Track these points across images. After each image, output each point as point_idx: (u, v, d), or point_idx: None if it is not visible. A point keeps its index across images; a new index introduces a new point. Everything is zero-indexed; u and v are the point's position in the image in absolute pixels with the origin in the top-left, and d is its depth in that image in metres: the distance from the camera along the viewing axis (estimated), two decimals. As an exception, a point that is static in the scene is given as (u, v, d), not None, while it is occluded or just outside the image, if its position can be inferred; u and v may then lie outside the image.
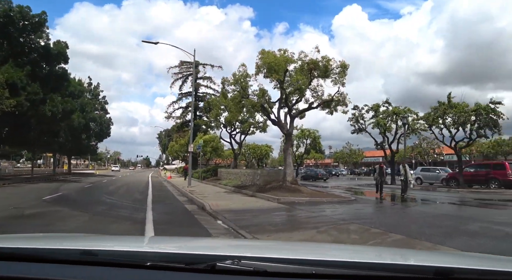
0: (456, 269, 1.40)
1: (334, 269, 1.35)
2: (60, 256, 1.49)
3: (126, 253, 1.61)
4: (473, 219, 9.84)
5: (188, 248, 2.04)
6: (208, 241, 3.33)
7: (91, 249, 1.58)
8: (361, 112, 29.51)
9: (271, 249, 2.27)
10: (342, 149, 79.59)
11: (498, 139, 58.21)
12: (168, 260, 1.44)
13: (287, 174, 16.78)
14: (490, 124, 21.00)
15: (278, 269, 1.34)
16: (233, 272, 1.32)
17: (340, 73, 16.96)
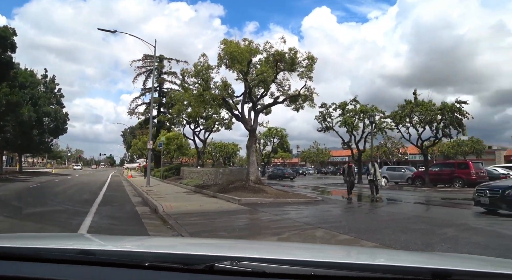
0: (453, 271, 1.40)
1: (332, 270, 1.35)
2: (57, 256, 1.46)
3: (124, 253, 1.60)
4: (447, 222, 9.15)
5: (187, 249, 2.01)
6: (206, 241, 3.31)
7: (89, 249, 1.61)
8: (329, 110, 28.96)
9: (270, 250, 2.28)
10: (309, 148, 79.73)
11: (458, 139, 60.35)
12: (166, 261, 1.42)
13: (251, 173, 15.70)
14: (455, 123, 20.86)
15: (276, 270, 1.32)
16: (231, 272, 1.30)
17: (307, 66, 16.07)
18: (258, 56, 15.82)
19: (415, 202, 15.41)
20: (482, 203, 10.59)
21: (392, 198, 16.86)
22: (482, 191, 10.65)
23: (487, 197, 10.32)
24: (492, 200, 10.20)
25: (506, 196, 9.89)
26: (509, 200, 9.78)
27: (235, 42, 14.73)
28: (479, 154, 58.18)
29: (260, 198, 13.48)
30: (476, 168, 22.14)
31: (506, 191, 9.90)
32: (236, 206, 12.15)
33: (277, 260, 1.47)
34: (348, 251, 2.69)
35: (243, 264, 1.33)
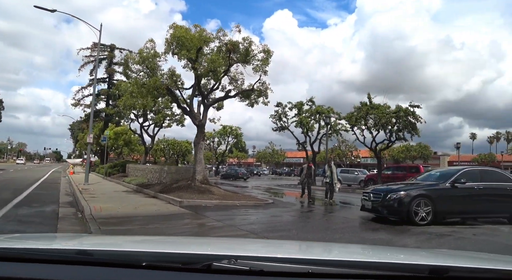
0: (451, 268, 1.42)
1: (330, 268, 1.35)
2: (55, 256, 1.46)
3: (122, 253, 1.59)
4: (409, 230, 8.36)
5: (184, 248, 2.00)
6: (204, 241, 3.17)
7: (87, 249, 1.60)
8: (284, 109, 28.22)
9: (268, 248, 2.28)
10: (265, 149, 79.27)
11: (407, 144, 62.55)
12: (164, 260, 1.42)
13: (197, 172, 14.36)
14: (409, 127, 20.78)
15: (274, 268, 1.32)
16: (229, 271, 1.30)
17: (263, 60, 15.01)
18: (210, 45, 14.56)
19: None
20: (366, 208, 9.69)
21: (346, 202, 16.19)
22: (367, 194, 9.80)
23: (370, 201, 9.44)
24: (374, 205, 9.29)
25: (387, 201, 8.94)
26: (390, 205, 8.85)
27: (185, 28, 13.34)
28: (426, 159, 60.62)
29: (205, 200, 12.20)
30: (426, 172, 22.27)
31: (388, 194, 8.96)
32: (176, 209, 10.79)
33: (275, 258, 1.49)
34: (346, 248, 2.69)
35: (240, 263, 1.31)
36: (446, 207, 8.84)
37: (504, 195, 9.34)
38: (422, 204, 8.60)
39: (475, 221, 9.40)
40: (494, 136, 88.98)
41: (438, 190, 8.97)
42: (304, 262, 1.41)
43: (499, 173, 10.30)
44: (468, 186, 8.98)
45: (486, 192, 9.13)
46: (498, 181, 9.46)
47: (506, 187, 9.40)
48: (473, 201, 9.07)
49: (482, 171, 10.07)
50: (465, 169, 9.66)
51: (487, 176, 9.56)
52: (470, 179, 9.12)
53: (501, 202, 9.35)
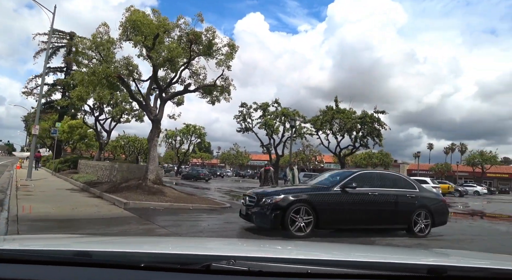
0: (449, 267, 1.43)
1: (328, 268, 1.35)
2: (53, 257, 1.41)
3: (121, 254, 1.58)
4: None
5: (183, 249, 1.99)
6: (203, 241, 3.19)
7: (85, 250, 1.57)
8: (249, 110, 27.40)
9: (266, 248, 2.28)
10: (229, 150, 78.21)
11: (369, 151, 63.73)
12: (162, 261, 1.43)
13: (150, 170, 13.20)
14: (373, 133, 20.57)
15: (273, 268, 1.32)
16: (228, 272, 1.30)
17: (227, 54, 14.08)
18: (170, 35, 13.45)
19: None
20: (242, 214, 8.16)
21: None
22: (244, 198, 8.21)
23: (245, 206, 7.92)
24: (247, 210, 7.78)
25: (261, 206, 7.42)
26: (263, 211, 7.33)
27: (143, 12, 12.18)
28: (387, 166, 61.89)
29: (155, 202, 11.09)
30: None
31: (263, 198, 7.44)
32: (120, 211, 9.63)
33: (273, 259, 1.49)
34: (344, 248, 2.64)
35: (239, 263, 1.31)
36: (332, 216, 7.51)
37: (403, 203, 8.22)
38: (302, 212, 7.17)
39: (370, 232, 8.16)
40: (450, 147, 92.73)
41: (324, 195, 7.59)
42: (303, 262, 1.42)
43: (401, 178, 9.11)
44: (361, 191, 7.80)
45: (383, 199, 7.97)
46: (399, 187, 8.38)
47: (406, 194, 8.31)
48: (366, 209, 7.85)
49: (381, 175, 8.75)
50: (359, 172, 8.47)
51: (387, 181, 8.42)
52: (366, 183, 8.02)
53: (399, 211, 8.19)
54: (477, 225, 12.91)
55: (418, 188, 8.65)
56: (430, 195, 9.01)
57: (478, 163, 56.28)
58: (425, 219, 8.34)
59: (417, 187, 8.68)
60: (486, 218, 15.84)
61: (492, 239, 9.18)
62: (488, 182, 59.98)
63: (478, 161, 56.18)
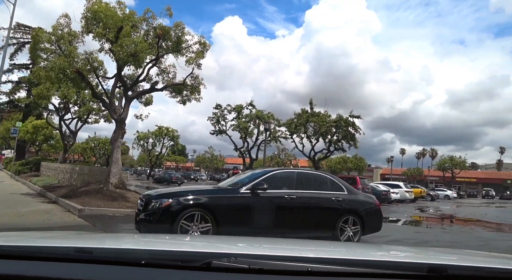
0: (449, 266, 1.43)
1: (329, 266, 1.35)
2: (54, 254, 1.42)
3: (121, 251, 1.59)
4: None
5: (184, 246, 2.01)
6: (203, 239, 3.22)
7: (86, 247, 1.57)
8: (223, 112, 26.74)
9: (267, 246, 2.26)
10: (204, 153, 77.04)
11: (343, 155, 64.14)
12: (163, 258, 1.42)
13: (112, 174, 12.31)
14: (348, 137, 20.29)
15: (273, 266, 1.32)
16: (229, 269, 1.29)
17: (198, 52, 13.42)
18: (137, 29, 12.65)
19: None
20: (136, 219, 6.58)
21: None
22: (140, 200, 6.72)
23: (138, 209, 6.55)
24: (136, 217, 6.52)
25: (149, 211, 6.11)
26: (146, 219, 6.07)
27: (105, 3, 11.33)
28: (361, 170, 62.48)
29: (115, 208, 10.24)
30: (362, 184, 21.96)
31: (152, 202, 6.12)
32: (72, 219, 8.76)
33: (274, 257, 1.48)
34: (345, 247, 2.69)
35: (240, 261, 1.31)
36: (236, 224, 6.20)
37: (327, 208, 7.16)
38: (197, 218, 5.93)
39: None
40: (421, 153, 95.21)
41: (226, 199, 6.47)
42: (303, 260, 1.42)
43: (327, 179, 7.67)
44: (274, 194, 6.63)
45: (301, 204, 6.84)
46: (324, 189, 7.27)
47: (332, 197, 7.17)
48: (280, 216, 6.73)
49: (303, 176, 7.38)
50: (274, 171, 7.24)
51: (309, 183, 7.23)
52: (282, 184, 6.89)
53: (322, 217, 7.16)
54: (451, 229, 12.72)
55: (347, 190, 7.55)
56: (361, 198, 7.89)
57: (448, 168, 57.63)
58: (354, 226, 7.22)
59: (346, 189, 7.57)
60: (459, 223, 15.77)
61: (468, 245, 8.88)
62: (457, 186, 61.51)
63: (448, 166, 57.53)
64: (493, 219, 18.54)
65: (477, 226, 14.71)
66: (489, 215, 20.82)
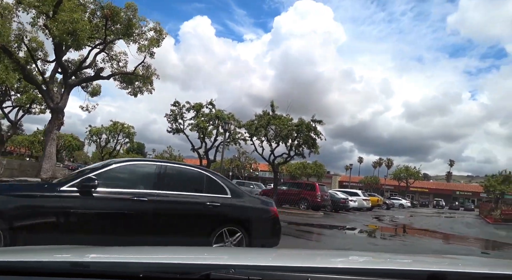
0: (449, 273, 1.43)
1: (328, 275, 1.34)
2: (51, 269, 1.41)
3: (119, 264, 1.55)
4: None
5: (182, 258, 1.98)
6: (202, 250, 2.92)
7: (83, 261, 1.57)
8: (182, 110, 25.36)
9: (266, 257, 2.25)
10: (162, 153, 74.43)
11: (304, 161, 64.35)
12: (161, 270, 1.42)
13: (44, 169, 10.83)
14: (309, 143, 19.61)
15: (273, 277, 1.31)
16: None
17: (152, 40, 12.22)
18: (85, 11, 11.24)
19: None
20: None
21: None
22: None
23: None
24: None
25: None
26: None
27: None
28: (320, 177, 62.86)
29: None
30: (321, 191, 21.45)
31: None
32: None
33: (273, 267, 1.49)
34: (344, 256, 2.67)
35: (239, 272, 1.30)
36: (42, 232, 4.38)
37: (198, 216, 5.34)
38: None
39: None
40: (378, 162, 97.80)
41: (30, 199, 4.41)
42: (302, 270, 1.40)
43: (204, 177, 5.66)
44: (114, 195, 4.78)
45: (158, 209, 5.00)
46: (196, 191, 5.46)
47: (207, 201, 5.30)
48: (121, 225, 4.84)
49: (166, 171, 5.35)
50: (123, 163, 5.22)
51: (175, 181, 5.39)
52: (133, 182, 5.11)
53: (188, 228, 5.24)
54: (410, 243, 12.29)
55: (232, 193, 5.61)
56: (250, 204, 5.82)
57: (404, 177, 59.20)
58: (237, 240, 5.38)
59: (230, 190, 5.63)
60: (414, 233, 15.51)
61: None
62: (411, 195, 63.38)
63: (403, 175, 59.09)
64: (448, 230, 18.60)
65: (433, 238, 14.48)
66: (443, 226, 20.97)
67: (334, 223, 16.37)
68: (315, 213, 19.16)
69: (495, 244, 14.30)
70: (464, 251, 10.87)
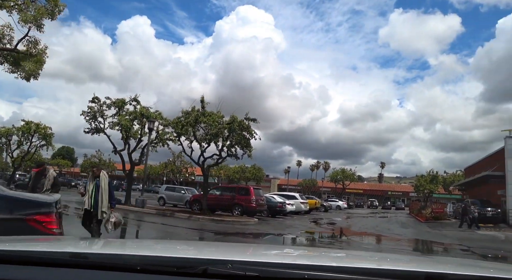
0: (447, 275, 1.39)
1: (325, 273, 1.33)
2: (49, 259, 1.39)
3: (117, 256, 1.54)
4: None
5: (180, 252, 1.97)
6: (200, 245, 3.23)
7: (81, 252, 1.57)
8: (102, 107, 22.38)
9: (264, 253, 2.25)
10: (91, 157, 68.92)
11: (241, 165, 62.98)
12: (159, 264, 1.40)
13: None
14: (242, 142, 17.87)
15: (270, 273, 1.30)
16: (224, 276, 1.27)
17: (40, 9, 9.72)
18: None
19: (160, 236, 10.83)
20: None
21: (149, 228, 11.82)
22: None
23: None
24: None
25: None
26: None
27: None
28: (259, 181, 61.92)
29: None
30: (256, 195, 19.82)
31: None
32: None
33: (271, 264, 1.46)
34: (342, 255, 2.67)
35: (236, 267, 1.29)
36: None
37: None
38: None
39: None
40: (315, 165, 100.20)
41: None
42: (300, 268, 1.39)
43: None
44: None
45: None
46: None
47: None
48: None
49: None
50: None
51: None
52: None
53: None
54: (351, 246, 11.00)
55: None
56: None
57: (340, 179, 60.18)
58: None
59: None
60: (355, 236, 14.43)
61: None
62: (347, 197, 64.70)
63: (340, 177, 60.05)
64: (386, 232, 17.93)
65: (376, 242, 13.47)
66: (380, 228, 20.41)
67: (268, 231, 14.78)
68: (250, 219, 17.44)
69: (438, 245, 13.65)
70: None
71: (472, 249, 12.23)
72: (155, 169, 68.07)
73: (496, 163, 30.65)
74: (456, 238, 16.03)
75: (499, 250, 12.39)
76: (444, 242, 14.74)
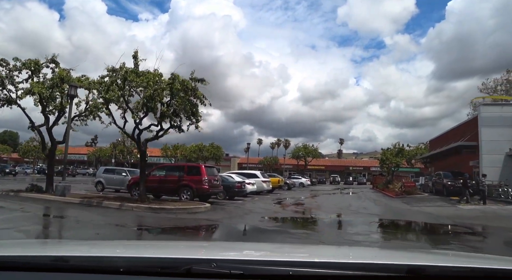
0: (428, 267, 1.40)
1: (309, 269, 1.33)
2: (30, 264, 1.36)
3: (99, 259, 1.52)
4: None
5: (163, 252, 1.90)
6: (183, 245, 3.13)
7: (63, 255, 1.52)
8: (12, 72, 17.56)
9: (248, 251, 2.22)
10: (28, 141, 61.65)
11: (199, 144, 58.94)
12: (142, 265, 1.38)
13: None
14: (188, 110, 14.10)
15: (254, 271, 1.29)
16: (209, 275, 1.26)
17: None
18: None
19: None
20: None
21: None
22: None
23: None
24: None
25: None
26: None
27: None
28: (218, 160, 58.55)
29: None
30: (209, 175, 16.31)
31: None
32: None
33: (255, 261, 1.46)
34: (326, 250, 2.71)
35: (220, 266, 1.28)
36: None
37: None
38: None
39: None
40: (276, 143, 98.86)
41: None
42: (285, 264, 1.38)
43: None
44: None
45: None
46: None
47: None
48: None
49: None
50: None
51: None
52: None
53: None
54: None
55: None
56: None
57: (302, 156, 58.03)
58: None
59: None
60: (333, 220, 11.44)
61: None
62: (309, 173, 62.89)
63: (302, 154, 57.90)
64: (363, 212, 15.15)
65: (367, 231, 10.52)
66: (354, 206, 17.69)
67: (221, 220, 11.37)
68: (200, 205, 13.91)
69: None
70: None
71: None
72: (105, 151, 62.50)
73: (466, 134, 29.14)
74: (445, 216, 13.56)
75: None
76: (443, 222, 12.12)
